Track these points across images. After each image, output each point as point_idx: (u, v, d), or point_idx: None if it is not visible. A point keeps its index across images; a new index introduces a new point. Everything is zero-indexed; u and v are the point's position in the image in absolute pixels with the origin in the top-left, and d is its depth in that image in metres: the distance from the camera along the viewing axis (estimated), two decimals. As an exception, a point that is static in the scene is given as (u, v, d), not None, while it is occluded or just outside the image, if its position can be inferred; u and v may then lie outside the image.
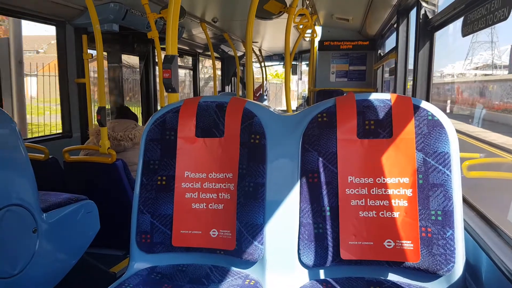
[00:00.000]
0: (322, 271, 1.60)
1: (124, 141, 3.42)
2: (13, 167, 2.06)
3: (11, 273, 1.99)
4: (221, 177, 1.67)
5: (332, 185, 1.56)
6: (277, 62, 13.67)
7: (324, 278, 1.57)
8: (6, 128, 2.05)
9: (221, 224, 1.64)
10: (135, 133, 3.49)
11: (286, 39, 4.23)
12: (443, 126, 1.50)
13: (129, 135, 3.46)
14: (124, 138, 3.42)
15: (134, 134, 3.48)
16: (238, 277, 1.60)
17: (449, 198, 1.46)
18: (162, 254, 1.71)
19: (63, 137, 4.61)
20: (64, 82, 4.60)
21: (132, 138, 3.46)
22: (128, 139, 3.44)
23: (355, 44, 7.97)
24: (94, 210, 2.62)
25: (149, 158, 1.73)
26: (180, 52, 7.85)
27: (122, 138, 3.41)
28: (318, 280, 1.56)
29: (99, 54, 3.50)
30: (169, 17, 2.28)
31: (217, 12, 5.96)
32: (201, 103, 1.74)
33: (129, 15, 4.55)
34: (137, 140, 3.49)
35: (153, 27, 3.97)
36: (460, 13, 2.49)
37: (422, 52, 3.21)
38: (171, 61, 2.28)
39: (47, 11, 4.19)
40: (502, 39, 6.50)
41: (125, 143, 3.43)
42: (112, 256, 3.31)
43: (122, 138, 3.41)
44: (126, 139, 3.43)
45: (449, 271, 1.45)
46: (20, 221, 2.05)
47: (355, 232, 1.52)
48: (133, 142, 3.47)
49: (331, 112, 1.60)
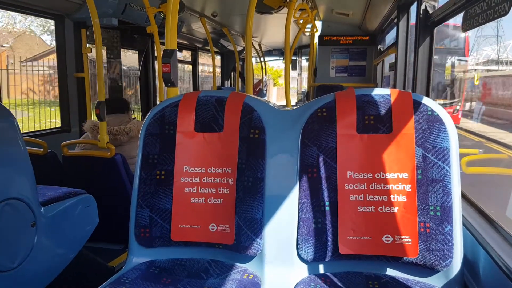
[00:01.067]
0: (321, 266, 1.60)
1: (120, 135, 3.41)
2: (12, 161, 2.06)
3: (9, 267, 1.99)
4: (220, 171, 1.67)
5: (331, 180, 1.56)
6: (277, 57, 13.64)
7: (323, 273, 1.57)
8: (5, 122, 2.05)
9: (220, 219, 1.64)
10: (131, 127, 3.48)
11: (286, 34, 4.22)
12: (443, 121, 1.50)
13: (125, 129, 3.45)
14: (120, 132, 3.42)
15: (130, 128, 3.47)
16: (236, 271, 1.60)
17: (448, 194, 1.46)
18: (161, 248, 1.71)
19: (62, 131, 4.60)
20: (63, 76, 4.59)
21: (128, 131, 3.45)
22: (124, 133, 3.44)
23: (355, 39, 7.95)
24: (92, 204, 2.62)
25: (148, 152, 1.72)
26: (180, 46, 7.83)
27: (117, 132, 3.41)
28: (317, 274, 1.57)
29: (98, 49, 3.48)
30: (168, 11, 2.28)
31: (217, 7, 5.94)
32: (201, 98, 1.74)
33: (128, 9, 4.54)
34: (133, 134, 3.48)
35: (152, 21, 3.96)
36: (460, 8, 2.48)
37: (422, 47, 3.19)
38: (170, 55, 2.27)
39: (45, 5, 4.17)
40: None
41: (121, 137, 3.42)
42: (110, 250, 3.31)
43: (118, 133, 3.41)
44: (122, 133, 3.42)
45: (447, 266, 1.45)
46: (18, 215, 2.05)
47: (353, 227, 1.52)
48: (129, 135, 3.46)
49: (330, 107, 1.60)
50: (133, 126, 3.49)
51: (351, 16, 6.81)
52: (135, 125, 3.51)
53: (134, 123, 3.55)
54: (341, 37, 7.97)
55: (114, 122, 3.52)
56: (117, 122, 3.53)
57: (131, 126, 3.48)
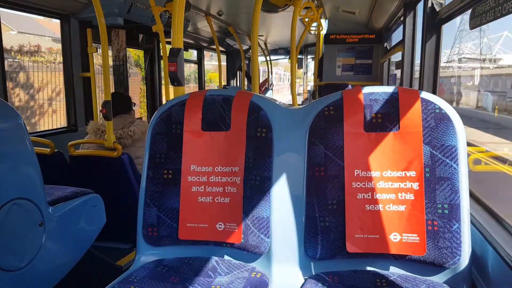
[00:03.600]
0: (328, 264, 1.59)
1: (124, 139, 3.38)
2: (19, 161, 2.06)
3: (18, 266, 2.00)
4: (228, 170, 1.67)
5: (338, 179, 1.55)
6: (283, 56, 13.62)
7: (330, 271, 1.57)
8: (12, 122, 2.06)
9: (227, 218, 1.64)
10: (134, 130, 3.44)
11: (291, 33, 4.20)
12: (451, 119, 1.49)
13: (128, 133, 3.41)
14: (123, 136, 3.37)
15: (133, 130, 3.43)
16: (244, 269, 1.60)
17: (455, 192, 1.46)
18: (168, 247, 1.71)
19: (69, 131, 4.62)
20: (69, 76, 4.60)
21: (132, 135, 3.40)
22: (128, 137, 3.40)
23: (361, 37, 7.91)
24: (100, 203, 2.63)
25: (155, 151, 1.73)
26: (185, 45, 7.83)
27: (121, 136, 3.37)
28: (324, 273, 1.56)
29: (104, 48, 3.49)
30: (174, 10, 2.28)
31: (223, 5, 5.93)
32: (207, 97, 1.74)
33: (134, 8, 4.54)
34: (137, 136, 3.44)
35: (158, 20, 3.96)
36: (468, 5, 2.47)
37: (429, 45, 3.18)
38: (176, 54, 2.27)
39: (51, 4, 4.18)
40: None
41: (125, 141, 3.39)
42: (118, 249, 3.32)
43: (122, 136, 3.37)
44: (125, 137, 3.38)
45: (455, 264, 1.44)
46: (26, 215, 2.06)
47: (361, 226, 1.51)
48: (133, 138, 3.42)
49: (338, 106, 1.59)
50: (136, 128, 3.45)
51: (357, 14, 6.78)
52: (139, 127, 3.47)
53: (137, 124, 3.51)
54: (347, 36, 7.94)
55: (117, 125, 3.47)
56: (120, 125, 3.50)
57: (134, 129, 3.44)
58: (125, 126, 3.50)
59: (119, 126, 3.48)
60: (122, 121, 3.53)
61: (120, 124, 3.50)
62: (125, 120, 3.54)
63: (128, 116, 3.62)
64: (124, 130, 3.42)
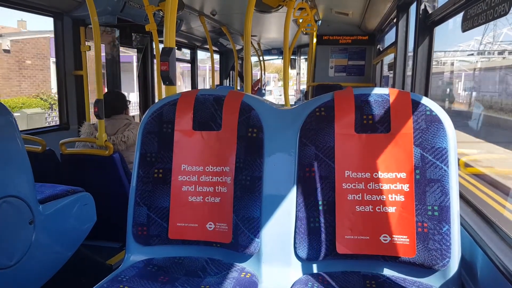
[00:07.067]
0: (318, 265, 1.60)
1: (118, 145, 3.34)
2: (10, 159, 2.05)
3: (7, 264, 1.99)
4: (218, 170, 1.67)
5: (329, 180, 1.56)
6: (276, 56, 13.63)
7: (320, 272, 1.57)
8: (3, 119, 2.04)
9: (217, 217, 1.64)
10: (128, 134, 3.40)
11: (285, 33, 4.20)
12: (441, 121, 1.50)
13: (122, 138, 3.37)
14: (116, 142, 3.35)
15: (128, 135, 3.39)
16: (234, 270, 1.60)
17: (446, 194, 1.46)
18: (158, 246, 1.70)
19: (60, 129, 4.60)
20: (61, 74, 4.58)
21: (125, 140, 3.37)
22: (122, 143, 3.36)
23: (354, 38, 7.94)
24: (90, 202, 2.62)
25: (146, 150, 1.72)
26: (178, 45, 7.82)
27: (114, 142, 3.33)
28: (314, 273, 1.57)
29: (97, 46, 3.47)
30: (167, 9, 2.27)
31: (216, 5, 5.93)
32: (199, 96, 1.74)
33: (127, 7, 4.53)
34: (131, 142, 3.40)
35: (151, 19, 3.95)
36: (460, 8, 2.48)
37: (422, 47, 3.19)
38: (169, 53, 2.27)
39: (45, 3, 4.16)
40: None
41: (119, 147, 3.35)
42: (108, 248, 3.31)
43: (115, 143, 3.34)
44: (118, 143, 3.34)
45: (445, 266, 1.45)
46: (16, 213, 2.05)
47: (351, 227, 1.52)
48: (127, 144, 3.39)
49: (329, 107, 1.60)
50: (131, 133, 3.41)
51: (351, 16, 6.81)
52: (134, 132, 3.43)
53: (132, 128, 3.46)
54: (340, 37, 7.97)
55: (111, 129, 3.43)
56: (114, 128, 3.46)
57: (128, 134, 3.40)
58: (119, 131, 3.45)
59: (113, 131, 3.44)
60: (117, 124, 3.48)
61: (114, 127, 3.46)
62: (119, 123, 3.49)
63: (123, 116, 3.58)
64: (117, 136, 3.39)
